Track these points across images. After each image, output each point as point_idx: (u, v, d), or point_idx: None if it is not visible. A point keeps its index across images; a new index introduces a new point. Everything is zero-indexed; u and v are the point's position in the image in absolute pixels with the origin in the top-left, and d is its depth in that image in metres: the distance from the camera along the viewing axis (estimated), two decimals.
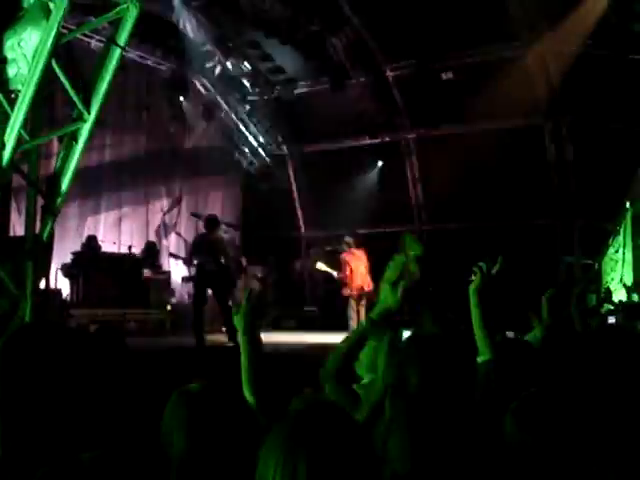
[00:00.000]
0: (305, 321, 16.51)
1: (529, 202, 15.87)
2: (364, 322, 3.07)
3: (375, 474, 1.51)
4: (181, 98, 17.12)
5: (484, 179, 15.71)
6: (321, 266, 14.41)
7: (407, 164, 17.25)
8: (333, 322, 14.55)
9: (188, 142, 17.63)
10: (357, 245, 13.89)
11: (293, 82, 17.27)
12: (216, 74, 17.12)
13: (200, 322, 10.98)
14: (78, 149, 6.67)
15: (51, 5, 6.10)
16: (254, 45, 16.14)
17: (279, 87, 17.51)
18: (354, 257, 13.90)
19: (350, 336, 3.06)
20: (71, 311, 12.22)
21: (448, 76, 15.21)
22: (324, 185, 17.15)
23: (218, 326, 13.30)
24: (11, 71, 6.26)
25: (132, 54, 14.72)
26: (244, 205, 18.71)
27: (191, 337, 11.22)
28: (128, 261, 13.73)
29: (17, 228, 9.51)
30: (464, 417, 1.83)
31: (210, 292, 11.47)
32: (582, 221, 15.44)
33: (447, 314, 3.91)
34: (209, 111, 17.83)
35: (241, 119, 18.22)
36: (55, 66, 6.47)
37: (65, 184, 6.64)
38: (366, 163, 17.35)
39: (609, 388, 2.64)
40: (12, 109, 6.30)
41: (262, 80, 17.43)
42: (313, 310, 17.13)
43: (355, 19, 15.15)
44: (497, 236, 15.53)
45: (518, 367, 3.19)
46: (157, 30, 14.81)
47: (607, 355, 3.03)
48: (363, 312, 13.55)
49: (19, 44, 6.14)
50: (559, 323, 4.30)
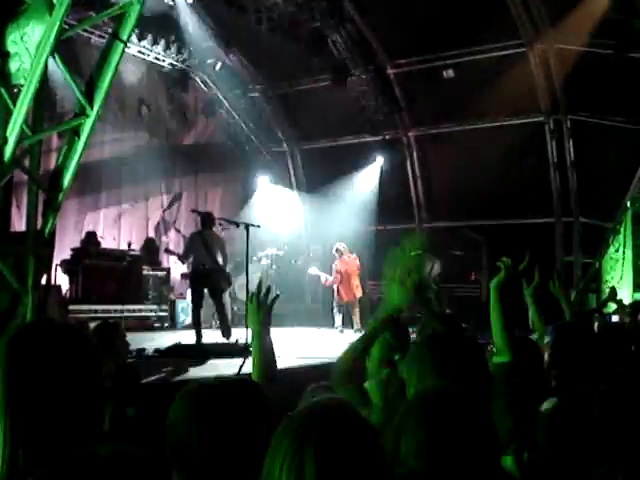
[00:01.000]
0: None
1: (529, 200, 15.87)
2: (371, 322, 3.04)
3: (384, 474, 1.48)
4: (181, 94, 17.11)
5: (485, 177, 15.69)
6: (314, 270, 14.57)
7: (408, 161, 17.23)
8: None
9: (188, 138, 17.61)
10: (350, 251, 14.15)
11: (294, 78, 17.23)
12: (217, 70, 17.08)
13: (199, 319, 10.92)
14: (80, 144, 6.63)
15: (54, 0, 6.07)
16: (255, 41, 16.08)
17: (280, 83, 17.48)
18: (345, 264, 14.04)
19: (361, 337, 3.04)
20: (70, 307, 12.19)
21: (449, 74, 15.19)
22: (324, 182, 17.12)
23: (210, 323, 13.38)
24: (13, 65, 6.23)
25: (133, 50, 14.67)
26: None
27: (190, 333, 11.19)
28: (127, 257, 13.70)
29: (16, 223, 9.47)
30: (480, 414, 1.80)
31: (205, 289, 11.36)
32: (582, 220, 15.44)
33: (446, 312, 3.88)
34: (209, 107, 17.80)
35: (240, 115, 18.19)
36: (58, 61, 6.44)
37: (67, 179, 6.61)
38: (366, 160, 17.32)
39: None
40: (14, 104, 6.26)
41: (263, 76, 17.40)
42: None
43: (357, 16, 15.13)
44: (497, 234, 15.55)
45: (535, 367, 3.18)
46: (158, 25, 14.78)
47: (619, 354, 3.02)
48: (357, 317, 13.69)
49: (22, 38, 6.10)
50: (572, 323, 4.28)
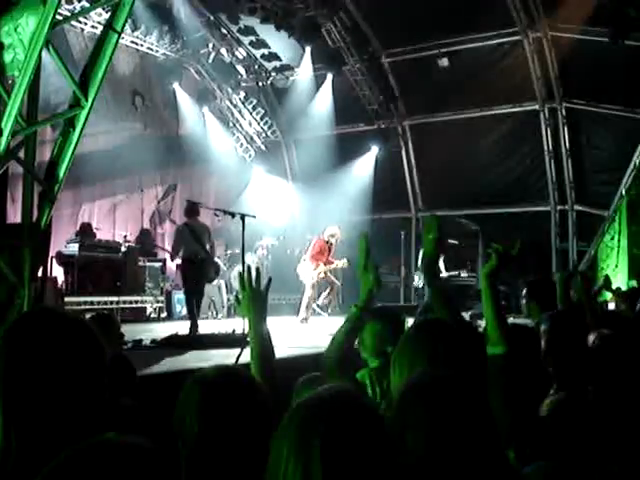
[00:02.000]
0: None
1: (525, 188, 15.91)
2: (353, 309, 3.03)
3: (392, 463, 1.46)
4: (175, 84, 17.05)
5: (480, 165, 15.73)
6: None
7: (403, 150, 17.22)
8: None
9: (182, 129, 17.55)
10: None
11: (288, 68, 17.20)
12: (210, 60, 17.03)
13: (194, 308, 10.84)
14: (75, 135, 6.59)
15: None
16: (248, 31, 16.05)
17: (274, 73, 17.44)
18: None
19: (344, 325, 3.02)
20: (66, 299, 12.17)
21: (444, 62, 15.17)
22: (319, 171, 17.08)
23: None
24: (7, 57, 6.18)
25: (126, 40, 14.60)
26: None
27: (185, 324, 11.17)
28: (123, 249, 13.67)
29: (11, 216, 9.43)
30: (478, 401, 1.79)
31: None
32: (577, 208, 15.47)
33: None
34: (203, 97, 17.75)
35: (235, 105, 18.15)
36: (52, 52, 6.40)
37: (62, 171, 6.57)
38: (362, 150, 17.30)
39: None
40: (8, 96, 6.22)
41: (257, 66, 17.36)
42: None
43: (350, 5, 15.10)
44: (493, 222, 15.58)
45: (531, 356, 3.18)
46: (151, 15, 14.72)
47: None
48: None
49: (16, 30, 6.05)
50: (568, 310, 4.28)
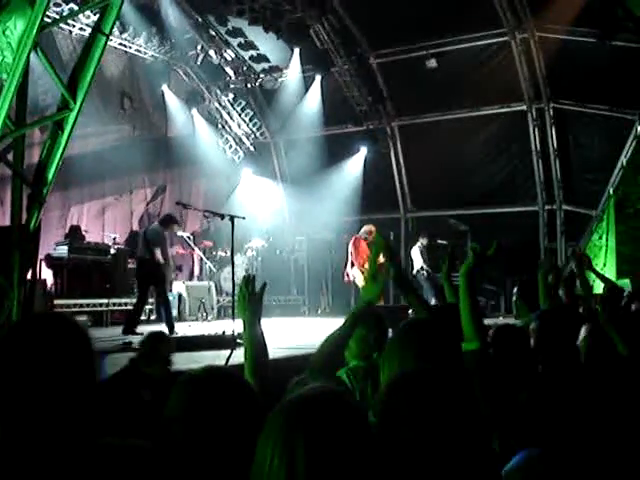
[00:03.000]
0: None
1: (513, 188, 15.97)
2: (348, 315, 3.03)
3: (375, 461, 1.48)
4: (163, 86, 17.03)
5: (468, 166, 15.78)
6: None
7: (392, 151, 17.25)
8: None
9: (171, 131, 17.53)
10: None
11: (276, 70, 17.21)
12: (199, 62, 17.03)
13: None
14: (64, 138, 6.61)
15: None
16: (237, 33, 16.04)
17: (262, 75, 17.45)
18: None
19: (335, 331, 3.02)
20: (55, 301, 12.14)
21: (432, 64, 15.20)
22: (308, 173, 17.09)
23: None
24: None
25: (114, 42, 14.58)
26: None
27: (177, 326, 11.15)
28: (112, 251, 13.65)
29: None
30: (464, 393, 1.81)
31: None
32: (566, 207, 15.53)
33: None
34: (192, 99, 17.74)
35: (224, 107, 18.14)
36: (40, 55, 6.40)
37: (51, 173, 6.59)
38: (350, 151, 17.32)
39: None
40: None
41: (245, 68, 17.36)
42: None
43: (339, 6, 15.12)
44: (482, 223, 15.63)
45: (515, 354, 3.21)
46: (139, 17, 14.70)
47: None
48: None
49: (4, 33, 6.05)
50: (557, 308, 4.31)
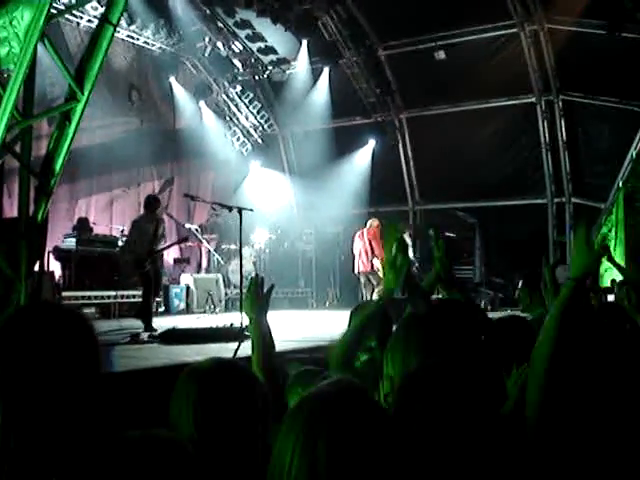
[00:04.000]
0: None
1: (522, 181, 15.90)
2: (372, 304, 3.06)
3: (396, 458, 1.45)
4: (171, 78, 17.02)
5: (477, 158, 15.71)
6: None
7: (400, 144, 17.20)
8: None
9: (179, 123, 17.52)
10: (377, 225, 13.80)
11: (284, 62, 17.17)
12: (207, 54, 17.00)
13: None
14: (71, 129, 6.60)
15: None
16: (245, 24, 16.01)
17: (270, 67, 17.42)
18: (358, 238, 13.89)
19: (358, 320, 3.04)
20: (63, 293, 12.17)
21: (440, 55, 15.14)
22: (316, 165, 17.07)
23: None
24: (3, 50, 6.17)
25: (122, 34, 14.57)
26: None
27: (185, 318, 11.17)
28: (120, 243, 13.67)
29: (6, 210, 9.43)
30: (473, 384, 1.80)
31: None
32: (575, 200, 15.47)
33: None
34: (200, 91, 17.72)
35: (232, 99, 18.12)
36: (47, 46, 6.39)
37: (59, 164, 6.58)
38: (359, 143, 17.28)
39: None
40: (4, 89, 6.22)
41: (253, 60, 17.32)
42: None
43: None
44: (490, 215, 15.59)
45: (517, 344, 3.18)
46: (147, 9, 14.67)
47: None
48: (369, 293, 13.52)
49: (11, 23, 6.04)
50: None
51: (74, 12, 12.94)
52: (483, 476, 1.67)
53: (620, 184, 14.10)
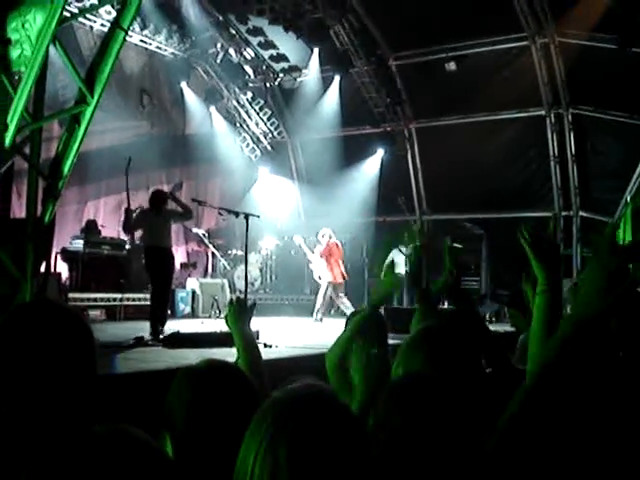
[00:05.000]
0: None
1: (530, 193, 15.89)
2: (365, 307, 3.10)
3: (362, 466, 1.39)
4: (183, 83, 17.10)
5: (485, 170, 15.71)
6: (298, 239, 14.60)
7: (409, 154, 17.22)
8: None
9: (189, 128, 17.60)
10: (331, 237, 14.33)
11: (295, 69, 17.24)
12: (219, 60, 17.08)
13: None
14: (80, 132, 6.65)
15: None
16: (257, 32, 16.09)
17: (281, 74, 17.48)
18: (330, 248, 14.19)
19: (354, 322, 3.07)
20: (69, 295, 12.22)
21: (451, 66, 15.17)
22: (324, 173, 17.10)
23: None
24: (15, 53, 6.23)
25: (135, 39, 14.66)
26: None
27: (189, 322, 11.18)
28: (127, 246, 13.73)
29: (16, 211, 9.50)
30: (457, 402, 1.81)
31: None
32: (582, 214, 15.45)
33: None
34: (211, 97, 17.80)
35: (242, 106, 18.19)
36: (59, 49, 6.45)
37: (67, 167, 6.62)
38: (367, 152, 17.30)
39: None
40: (15, 91, 6.27)
41: (264, 67, 17.39)
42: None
43: (359, 7, 15.11)
44: (497, 227, 15.58)
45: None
46: (160, 14, 14.77)
47: None
48: (346, 299, 13.87)
49: (23, 26, 6.10)
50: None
51: (87, 16, 13.03)
52: None
53: (628, 199, 14.07)
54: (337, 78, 16.69)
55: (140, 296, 13.38)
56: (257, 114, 18.25)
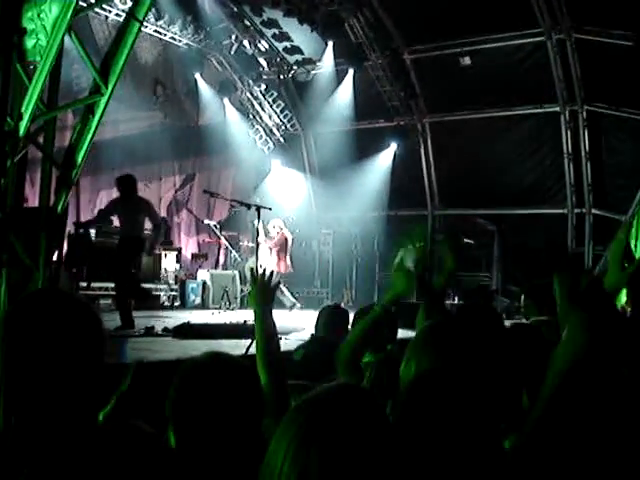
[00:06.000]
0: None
1: (542, 190, 15.84)
2: (377, 308, 3.08)
3: (395, 467, 1.38)
4: (197, 74, 17.11)
5: (498, 166, 15.67)
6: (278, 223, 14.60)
7: (422, 148, 17.18)
8: None
9: (202, 119, 17.61)
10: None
11: (310, 62, 17.21)
12: (233, 51, 17.07)
13: None
14: (94, 122, 6.64)
15: None
16: (272, 24, 16.06)
17: (295, 67, 17.46)
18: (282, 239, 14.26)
19: (364, 322, 3.07)
20: (81, 284, 12.28)
21: (466, 61, 15.12)
22: (337, 166, 17.08)
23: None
24: (30, 42, 6.23)
25: (149, 29, 14.68)
26: None
27: (200, 313, 11.22)
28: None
29: (30, 199, 9.55)
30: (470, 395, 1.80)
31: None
32: (595, 211, 15.37)
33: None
34: (224, 88, 17.80)
35: (256, 98, 18.18)
36: (74, 39, 6.45)
37: (80, 156, 6.62)
38: (380, 146, 17.26)
39: None
40: (30, 80, 6.28)
41: (278, 59, 17.37)
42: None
43: (374, 0, 15.06)
44: (509, 223, 15.54)
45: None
46: (175, 5, 14.78)
47: None
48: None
49: (39, 15, 6.11)
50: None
51: (103, 6, 13.04)
52: None
53: None
54: (351, 71, 16.64)
55: (151, 286, 13.45)
56: (270, 106, 18.23)
